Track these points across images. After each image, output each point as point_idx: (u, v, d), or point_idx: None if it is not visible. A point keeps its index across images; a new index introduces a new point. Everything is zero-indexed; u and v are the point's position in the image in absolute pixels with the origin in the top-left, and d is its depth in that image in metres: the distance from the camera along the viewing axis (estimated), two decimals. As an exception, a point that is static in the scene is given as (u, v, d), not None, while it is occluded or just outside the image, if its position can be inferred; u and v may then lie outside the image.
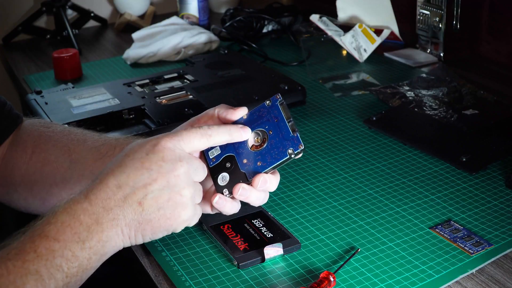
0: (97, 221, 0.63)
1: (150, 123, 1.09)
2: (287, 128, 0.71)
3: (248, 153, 0.72)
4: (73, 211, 0.63)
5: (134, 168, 0.65)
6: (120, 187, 0.64)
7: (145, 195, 0.65)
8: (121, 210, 0.64)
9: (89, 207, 0.63)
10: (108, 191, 0.64)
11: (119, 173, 0.65)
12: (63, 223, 0.62)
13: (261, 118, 0.73)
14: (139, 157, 0.65)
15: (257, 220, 0.82)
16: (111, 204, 0.64)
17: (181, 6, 1.69)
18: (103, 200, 0.64)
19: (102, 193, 0.64)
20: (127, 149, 0.68)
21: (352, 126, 1.10)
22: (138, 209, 0.65)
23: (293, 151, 0.70)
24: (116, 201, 0.64)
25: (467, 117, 1.08)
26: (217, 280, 0.72)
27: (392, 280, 0.71)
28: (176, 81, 1.27)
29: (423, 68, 1.36)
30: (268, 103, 0.73)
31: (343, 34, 1.43)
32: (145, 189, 0.65)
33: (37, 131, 0.86)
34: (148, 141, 0.67)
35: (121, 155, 0.67)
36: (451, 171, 0.94)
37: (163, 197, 0.66)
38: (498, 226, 0.80)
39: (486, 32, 1.38)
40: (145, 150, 0.66)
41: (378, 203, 0.87)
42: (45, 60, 1.53)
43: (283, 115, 0.72)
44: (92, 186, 0.65)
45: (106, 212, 0.64)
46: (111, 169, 0.65)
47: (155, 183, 0.65)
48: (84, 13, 1.76)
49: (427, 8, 1.38)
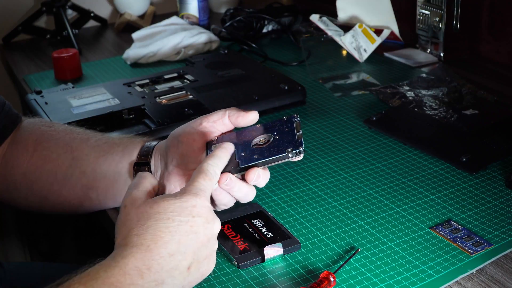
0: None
1: (150, 123, 1.09)
2: (294, 134, 0.72)
3: (249, 149, 0.72)
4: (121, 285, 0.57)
5: (184, 232, 0.61)
6: (172, 255, 0.60)
7: (194, 260, 0.62)
8: (172, 279, 0.60)
9: (140, 280, 0.58)
10: (162, 262, 0.59)
11: (169, 237, 0.60)
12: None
13: (273, 128, 0.74)
14: (185, 220, 0.61)
15: (257, 220, 0.82)
16: (163, 276, 0.59)
17: (181, 6, 1.69)
18: (156, 272, 0.59)
19: (154, 264, 0.59)
20: (161, 207, 0.61)
21: (352, 126, 1.10)
22: (186, 274, 0.62)
23: (291, 150, 0.70)
24: (168, 271, 0.60)
25: (467, 117, 1.08)
26: (217, 280, 0.72)
27: (392, 280, 0.71)
28: (176, 81, 1.27)
29: (423, 68, 1.36)
30: (285, 119, 0.74)
31: (343, 34, 1.43)
32: (194, 254, 0.62)
33: (39, 130, 0.86)
34: (186, 199, 0.62)
35: (157, 212, 0.61)
36: (451, 171, 0.94)
37: (204, 258, 0.63)
38: (498, 226, 0.80)
39: (486, 32, 1.39)
40: (189, 211, 0.62)
41: (378, 203, 0.87)
42: (45, 60, 1.53)
43: (294, 127, 0.73)
44: (140, 254, 0.58)
45: (158, 286, 0.59)
46: (156, 232, 0.60)
47: (202, 246, 0.62)
48: (84, 13, 1.76)
49: (427, 8, 1.38)
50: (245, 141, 0.73)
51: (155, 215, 0.60)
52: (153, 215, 0.60)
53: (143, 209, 0.61)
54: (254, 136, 0.73)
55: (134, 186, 0.65)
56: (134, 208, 0.62)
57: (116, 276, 0.57)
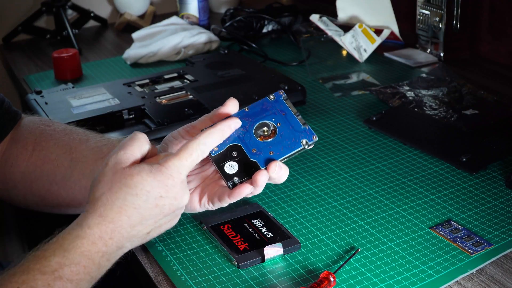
0: (109, 259, 0.66)
1: (150, 123, 1.09)
2: (297, 121, 0.74)
3: (256, 143, 0.73)
4: (89, 253, 0.64)
5: (148, 208, 0.66)
6: (134, 226, 0.66)
7: (155, 227, 0.68)
8: (131, 243, 0.68)
9: (104, 248, 0.65)
10: (123, 232, 0.65)
11: (133, 212, 0.65)
12: (78, 264, 0.63)
13: (266, 111, 0.74)
14: (153, 197, 0.66)
15: (257, 220, 0.82)
16: (123, 242, 0.66)
17: (181, 6, 1.69)
18: (117, 241, 0.65)
19: (116, 234, 0.65)
20: (133, 182, 0.65)
21: (352, 126, 1.10)
22: (146, 236, 0.69)
23: (307, 142, 0.73)
24: (129, 239, 0.67)
25: (467, 117, 1.08)
26: (217, 280, 0.72)
27: (392, 280, 0.71)
28: (176, 81, 1.27)
29: (423, 68, 1.36)
30: (272, 98, 0.75)
31: (343, 34, 1.43)
32: (156, 223, 0.68)
33: (38, 129, 0.86)
34: (160, 179, 0.66)
35: (128, 186, 0.65)
36: (451, 171, 0.94)
37: (165, 222, 0.69)
38: (498, 226, 0.80)
39: (486, 32, 1.39)
40: (158, 191, 0.66)
41: (378, 203, 0.87)
42: (45, 60, 1.53)
43: (290, 109, 0.74)
44: (104, 225, 0.64)
45: (120, 250, 0.67)
46: (122, 207, 0.65)
47: (164, 217, 0.68)
48: (84, 13, 1.76)
49: (427, 8, 1.38)
50: (246, 134, 0.73)
51: (125, 188, 0.65)
52: (123, 188, 0.65)
53: (119, 177, 0.65)
54: (252, 126, 0.73)
55: (123, 147, 0.68)
56: (113, 171, 0.66)
57: (86, 246, 0.63)
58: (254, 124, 0.74)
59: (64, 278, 0.62)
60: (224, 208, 0.84)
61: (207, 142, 0.69)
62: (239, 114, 0.74)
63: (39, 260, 0.62)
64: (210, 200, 0.75)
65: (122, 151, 0.67)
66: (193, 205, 0.76)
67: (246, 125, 0.73)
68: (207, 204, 0.75)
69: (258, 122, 0.74)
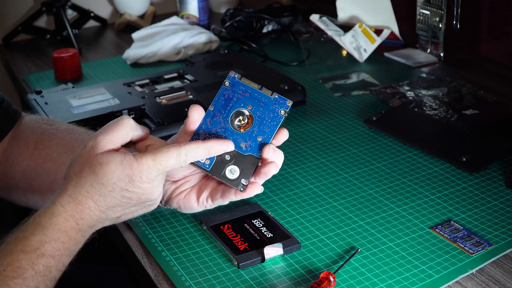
0: (84, 236, 0.69)
1: (150, 123, 1.09)
2: (264, 95, 0.71)
3: (241, 136, 0.71)
4: (65, 230, 0.66)
5: (114, 198, 0.68)
6: (102, 211, 0.68)
7: (124, 213, 0.70)
8: (102, 224, 0.70)
9: (76, 226, 0.67)
10: (91, 214, 0.68)
11: (99, 199, 0.67)
12: (57, 241, 0.65)
13: (230, 100, 0.72)
14: (118, 188, 0.67)
15: (257, 220, 0.82)
16: (94, 222, 0.69)
17: (181, 6, 1.69)
18: (88, 221, 0.68)
19: (86, 215, 0.67)
20: (102, 171, 0.66)
21: (352, 126, 1.10)
22: (117, 220, 0.71)
23: (285, 111, 0.71)
24: (99, 220, 0.69)
25: (467, 117, 1.08)
26: (217, 280, 0.72)
27: (392, 280, 0.71)
28: (176, 81, 1.27)
29: (423, 68, 1.36)
30: (228, 84, 0.73)
31: (343, 34, 1.43)
32: (124, 209, 0.70)
33: (40, 128, 0.86)
34: (128, 173, 0.66)
35: (96, 174, 0.66)
36: (451, 171, 0.94)
37: (137, 210, 0.71)
38: (498, 226, 0.80)
39: (486, 32, 1.39)
40: (124, 184, 0.67)
41: (378, 203, 0.87)
42: (45, 60, 1.53)
43: (251, 86, 0.72)
44: (74, 205, 0.67)
45: (92, 228, 0.69)
46: (88, 192, 0.67)
47: (133, 206, 0.70)
48: (84, 13, 1.76)
49: (427, 8, 1.38)
50: (228, 133, 0.72)
51: (93, 176, 0.66)
52: (91, 175, 0.66)
53: (90, 162, 0.67)
54: (227, 122, 0.72)
55: (104, 131, 0.69)
56: (87, 155, 0.67)
57: (61, 223, 0.66)
58: (228, 119, 0.72)
59: (46, 255, 0.64)
60: (224, 208, 0.84)
61: (189, 154, 0.69)
62: (207, 116, 0.72)
63: (20, 240, 0.64)
64: (211, 197, 0.74)
65: (101, 135, 0.68)
66: (190, 204, 0.76)
67: (222, 123, 0.72)
68: (205, 201, 0.75)
69: (230, 114, 0.72)
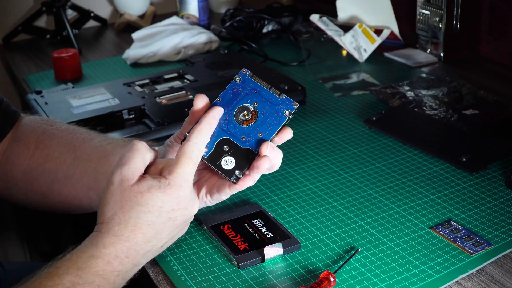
0: (124, 278, 0.66)
1: (150, 123, 1.09)
2: (272, 94, 0.72)
3: (242, 130, 0.71)
4: (104, 273, 0.63)
5: (161, 223, 0.65)
6: (149, 242, 0.66)
7: (168, 239, 0.68)
8: (146, 258, 0.67)
9: (119, 267, 0.64)
10: (138, 249, 0.65)
11: (147, 229, 0.65)
12: (91, 284, 0.62)
13: (238, 94, 0.72)
14: (166, 212, 0.65)
15: (257, 220, 0.82)
16: (139, 259, 0.66)
17: (181, 6, 1.69)
18: (133, 258, 0.65)
19: (132, 252, 0.65)
20: (144, 200, 0.64)
21: (352, 126, 1.10)
22: (160, 249, 0.68)
23: (290, 112, 0.71)
24: (144, 255, 0.66)
25: (467, 117, 1.08)
26: (217, 280, 0.72)
27: (392, 280, 0.71)
28: (176, 81, 1.27)
29: (423, 68, 1.36)
30: (238, 79, 0.73)
31: (343, 34, 1.43)
32: (169, 235, 0.68)
33: (40, 128, 0.86)
34: (170, 193, 0.65)
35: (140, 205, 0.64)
36: (451, 171, 0.94)
37: (177, 232, 0.69)
38: (498, 226, 0.80)
39: (486, 32, 1.38)
40: (170, 205, 0.65)
41: (378, 203, 0.87)
42: (45, 60, 1.53)
43: (261, 85, 0.72)
44: (120, 244, 0.64)
45: (135, 267, 0.66)
46: (136, 225, 0.64)
47: (177, 228, 0.68)
48: (84, 13, 1.76)
49: (427, 8, 1.38)
50: (229, 124, 0.72)
51: (137, 207, 0.64)
52: (135, 207, 0.64)
53: (128, 195, 0.64)
54: (232, 115, 0.72)
55: (126, 162, 0.66)
56: (121, 189, 0.65)
57: (101, 265, 0.63)
58: (233, 112, 0.72)
59: None
60: (224, 208, 0.84)
61: (199, 140, 0.68)
62: (213, 106, 0.72)
63: (52, 277, 0.61)
64: (209, 193, 0.74)
65: (125, 166, 0.66)
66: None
67: (226, 115, 0.72)
68: (205, 198, 0.75)
69: (236, 108, 0.72)
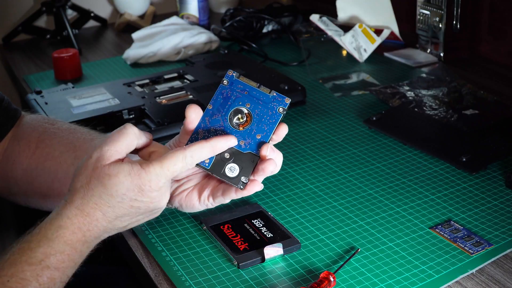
0: (89, 247, 0.69)
1: (150, 123, 1.09)
2: (262, 93, 0.72)
3: (240, 134, 0.71)
4: (71, 242, 0.66)
5: (123, 208, 0.67)
6: (109, 221, 0.68)
7: (131, 222, 0.70)
8: (108, 233, 0.70)
9: (83, 238, 0.67)
10: (99, 225, 0.68)
11: (107, 210, 0.67)
12: (62, 253, 0.65)
13: (229, 98, 0.72)
14: (128, 199, 0.67)
15: (257, 220, 0.82)
16: (100, 233, 0.69)
17: (181, 6, 1.69)
18: (95, 232, 0.68)
19: (93, 227, 0.67)
20: (110, 182, 0.66)
21: (352, 126, 1.10)
22: (123, 229, 0.71)
23: (283, 108, 0.71)
24: (106, 231, 0.69)
25: (467, 117, 1.08)
26: (217, 280, 0.72)
27: (392, 280, 0.71)
28: (176, 81, 1.27)
29: (423, 68, 1.36)
30: (226, 82, 0.73)
31: (343, 34, 1.43)
32: (131, 218, 0.69)
33: (42, 127, 0.86)
34: (137, 183, 0.66)
35: (104, 186, 0.66)
36: (451, 171, 0.94)
37: (143, 218, 0.71)
38: (498, 226, 0.80)
39: (486, 32, 1.38)
40: (134, 194, 0.66)
41: (378, 203, 0.87)
42: (45, 60, 1.53)
43: (249, 84, 0.72)
44: (81, 217, 0.66)
45: (97, 239, 0.69)
46: (97, 203, 0.66)
47: (140, 215, 0.70)
48: (84, 13, 1.76)
49: (427, 8, 1.38)
50: (224, 129, 0.72)
51: (101, 187, 0.66)
52: (99, 187, 0.66)
53: (97, 174, 0.66)
54: (226, 120, 0.72)
55: (109, 141, 0.68)
56: (93, 166, 0.67)
57: (67, 235, 0.66)
58: (226, 117, 0.72)
59: (51, 267, 0.64)
60: (224, 208, 0.84)
61: (194, 155, 0.68)
62: (206, 114, 0.72)
63: (25, 251, 0.64)
64: (212, 195, 0.74)
65: (106, 146, 0.68)
66: (192, 203, 0.76)
67: (220, 121, 0.72)
68: (207, 200, 0.75)
69: (229, 112, 0.72)
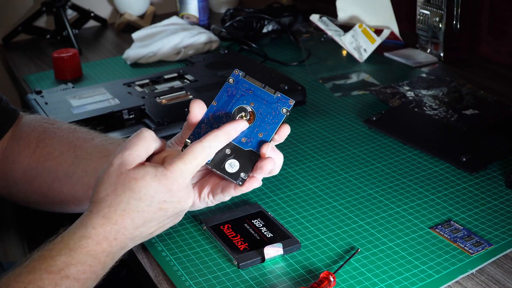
0: (113, 258, 0.67)
1: (150, 123, 1.09)
2: (267, 93, 0.72)
3: (243, 132, 0.71)
4: (95, 253, 0.65)
5: (151, 212, 0.67)
6: (137, 228, 0.67)
7: (158, 227, 0.69)
8: (134, 242, 0.69)
9: (108, 248, 0.66)
10: (126, 233, 0.66)
11: (136, 215, 0.66)
12: (84, 264, 0.64)
13: (233, 96, 0.73)
14: (156, 202, 0.66)
15: (257, 220, 0.82)
16: (127, 242, 0.67)
17: (181, 6, 1.69)
18: (121, 241, 0.66)
19: (120, 235, 0.66)
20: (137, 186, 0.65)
21: (352, 126, 1.10)
22: (149, 236, 0.70)
23: (287, 110, 0.72)
24: (133, 239, 0.68)
25: (467, 117, 1.08)
26: (217, 280, 0.72)
27: (392, 280, 0.71)
28: (176, 81, 1.27)
29: (423, 68, 1.36)
30: (232, 81, 0.73)
31: (343, 34, 1.43)
32: (159, 224, 0.69)
33: (41, 127, 0.86)
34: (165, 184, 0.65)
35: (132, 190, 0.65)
36: (451, 171, 0.94)
37: (169, 222, 0.70)
38: (498, 226, 0.80)
39: (486, 32, 1.39)
40: (162, 196, 0.66)
41: (378, 203, 0.87)
42: (45, 60, 1.53)
43: (255, 84, 0.73)
44: (108, 226, 0.65)
45: (123, 249, 0.68)
46: (125, 210, 0.65)
47: (167, 218, 0.69)
48: (84, 13, 1.76)
49: (427, 8, 1.38)
50: None
51: (129, 192, 0.65)
52: (127, 192, 0.65)
53: (123, 179, 0.65)
54: (230, 117, 0.72)
55: (129, 146, 0.67)
56: (117, 172, 0.66)
57: (91, 245, 0.64)
58: (230, 114, 0.72)
59: (71, 277, 0.63)
60: (224, 208, 0.84)
61: (212, 145, 0.68)
62: (210, 110, 0.72)
63: (45, 259, 0.63)
64: (212, 193, 0.74)
65: (127, 151, 0.67)
66: None
67: (223, 118, 0.72)
68: (207, 198, 0.75)
69: (233, 110, 0.72)
